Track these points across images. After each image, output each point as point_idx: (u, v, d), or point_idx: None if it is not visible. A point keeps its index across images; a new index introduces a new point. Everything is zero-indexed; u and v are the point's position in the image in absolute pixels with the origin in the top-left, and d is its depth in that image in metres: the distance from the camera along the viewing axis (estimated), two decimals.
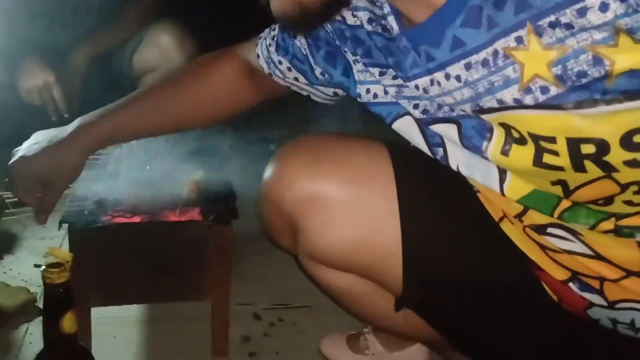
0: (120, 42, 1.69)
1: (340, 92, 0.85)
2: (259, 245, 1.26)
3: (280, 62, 0.84)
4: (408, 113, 0.71)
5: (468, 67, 0.59)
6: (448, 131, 0.66)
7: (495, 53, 0.57)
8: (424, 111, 0.68)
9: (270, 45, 0.85)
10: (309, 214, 0.78)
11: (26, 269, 1.29)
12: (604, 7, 0.49)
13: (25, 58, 1.54)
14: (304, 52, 0.81)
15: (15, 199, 0.90)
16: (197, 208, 1.00)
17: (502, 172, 0.67)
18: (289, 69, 0.84)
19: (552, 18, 0.52)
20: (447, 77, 0.62)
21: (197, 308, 1.05)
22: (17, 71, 1.54)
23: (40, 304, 1.16)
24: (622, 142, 0.54)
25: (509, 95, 0.57)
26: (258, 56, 0.87)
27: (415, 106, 0.69)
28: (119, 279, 0.95)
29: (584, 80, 0.53)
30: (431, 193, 0.78)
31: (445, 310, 0.79)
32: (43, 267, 0.68)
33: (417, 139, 0.71)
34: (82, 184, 0.98)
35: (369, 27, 0.71)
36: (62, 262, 0.69)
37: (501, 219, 0.73)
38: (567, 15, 0.51)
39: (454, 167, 0.70)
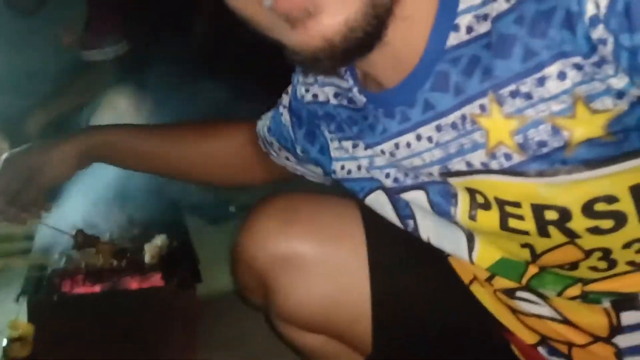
0: (75, 107, 1.69)
1: None
2: (221, 306, 1.25)
3: (271, 143, 0.85)
4: (379, 188, 0.72)
5: (439, 129, 0.60)
6: (418, 198, 0.67)
7: (464, 117, 0.58)
8: (395, 180, 0.69)
9: (264, 125, 0.87)
10: (279, 274, 0.78)
11: None
12: (562, 76, 0.51)
13: None
14: (288, 130, 0.82)
15: None
16: (159, 273, 0.99)
17: (470, 240, 0.67)
18: (280, 149, 0.85)
19: (513, 87, 0.53)
20: (419, 138, 0.62)
21: None
22: None
23: None
24: (584, 210, 0.55)
25: (477, 158, 0.58)
26: (257, 136, 0.88)
27: (387, 175, 0.70)
28: (81, 350, 0.93)
29: (544, 150, 0.54)
30: (402, 253, 0.78)
31: None
32: (5, 341, 0.67)
33: (388, 213, 0.72)
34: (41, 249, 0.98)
35: (334, 102, 0.73)
36: (24, 336, 0.69)
37: (471, 281, 0.74)
38: (527, 84, 0.52)
39: (424, 238, 0.70)
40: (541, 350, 0.72)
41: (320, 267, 0.78)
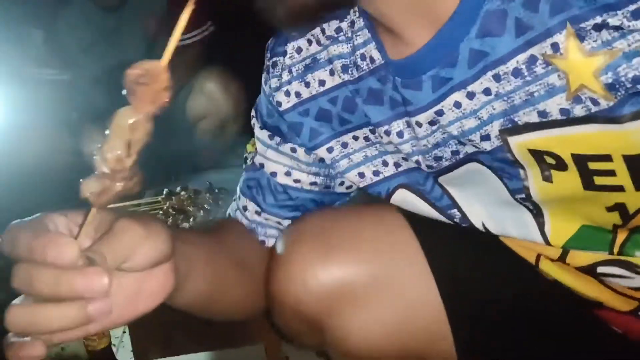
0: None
1: None
2: None
3: (268, 210, 0.71)
4: (399, 186, 0.65)
5: (497, 78, 0.51)
6: (470, 170, 0.58)
7: (532, 60, 0.49)
8: (428, 167, 0.61)
9: (245, 206, 0.72)
10: (333, 311, 0.65)
11: None
12: None
13: (87, 125, 1.65)
14: (289, 159, 0.71)
15: None
16: None
17: (538, 215, 0.58)
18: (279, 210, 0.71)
19: (598, 20, 0.44)
20: (471, 95, 0.53)
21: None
22: (82, 139, 1.64)
23: None
24: None
25: (555, 105, 0.49)
26: (252, 230, 0.73)
27: (417, 162, 0.61)
28: (173, 330, 1.00)
29: None
30: (460, 247, 0.67)
31: None
32: None
33: (423, 209, 0.63)
34: None
35: (333, 82, 0.63)
36: None
37: (537, 259, 0.64)
38: (618, 16, 0.44)
39: (478, 226, 0.61)
40: None
41: (378, 289, 0.65)
